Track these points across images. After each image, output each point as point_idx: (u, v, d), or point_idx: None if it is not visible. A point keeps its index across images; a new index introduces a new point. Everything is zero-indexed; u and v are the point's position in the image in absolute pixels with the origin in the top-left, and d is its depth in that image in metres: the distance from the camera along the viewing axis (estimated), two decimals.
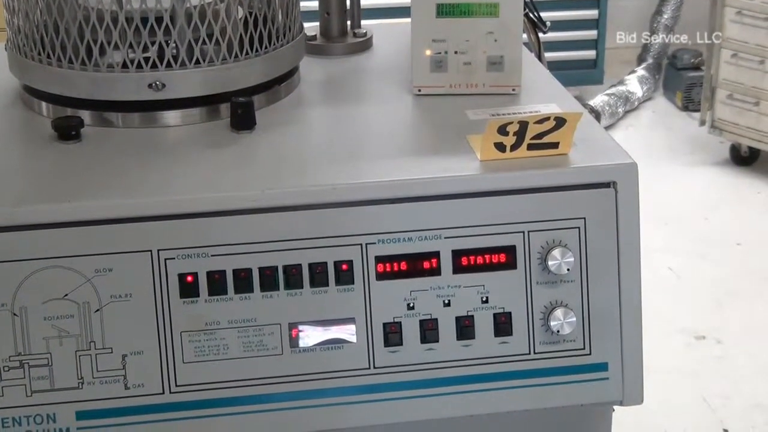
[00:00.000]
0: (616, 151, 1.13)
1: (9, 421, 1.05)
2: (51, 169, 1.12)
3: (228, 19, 1.20)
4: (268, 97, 1.27)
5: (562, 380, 1.12)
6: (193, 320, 1.06)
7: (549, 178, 1.10)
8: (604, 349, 1.12)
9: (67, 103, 1.22)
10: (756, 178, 3.73)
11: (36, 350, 1.05)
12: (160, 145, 1.18)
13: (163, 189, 1.07)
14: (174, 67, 1.18)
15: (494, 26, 1.26)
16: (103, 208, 1.04)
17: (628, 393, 1.13)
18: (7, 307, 1.04)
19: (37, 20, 1.21)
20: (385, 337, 1.08)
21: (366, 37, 1.49)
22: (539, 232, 1.10)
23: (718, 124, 3.73)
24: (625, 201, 1.10)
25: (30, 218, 1.04)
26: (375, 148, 1.18)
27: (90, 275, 1.04)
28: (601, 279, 1.11)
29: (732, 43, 3.61)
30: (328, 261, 1.07)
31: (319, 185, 1.07)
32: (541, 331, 1.11)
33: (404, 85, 1.33)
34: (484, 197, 1.09)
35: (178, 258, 1.05)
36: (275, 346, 1.07)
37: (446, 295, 1.09)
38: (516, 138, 1.10)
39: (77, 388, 1.05)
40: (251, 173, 1.11)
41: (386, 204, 1.08)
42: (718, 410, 2.51)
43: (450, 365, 1.10)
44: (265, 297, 1.07)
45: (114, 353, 1.05)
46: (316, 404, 1.09)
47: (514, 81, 1.28)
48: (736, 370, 2.66)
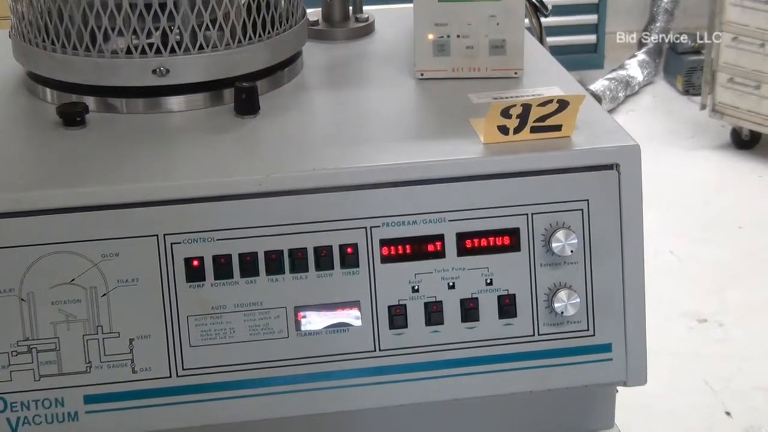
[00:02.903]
0: (618, 133, 1.14)
1: (17, 405, 1.06)
2: (56, 155, 1.13)
3: (231, 5, 1.20)
4: (271, 82, 1.27)
5: (566, 361, 1.12)
6: (199, 304, 1.07)
7: (552, 160, 1.10)
8: (607, 330, 1.12)
9: (72, 90, 1.22)
10: (757, 161, 3.73)
11: (44, 335, 1.05)
12: (165, 131, 1.18)
13: (168, 174, 1.07)
14: (178, 52, 1.19)
15: (496, 10, 1.26)
16: (109, 194, 1.05)
17: (631, 374, 1.14)
18: (15, 293, 1.04)
19: (41, 7, 1.22)
20: (390, 320, 1.09)
21: (368, 21, 1.49)
22: (543, 215, 1.10)
23: (719, 107, 3.73)
24: (628, 183, 1.10)
25: (36, 204, 1.04)
26: (378, 132, 1.18)
27: (97, 260, 1.05)
28: (605, 260, 1.11)
29: (732, 26, 3.61)
30: (333, 244, 1.08)
31: (323, 169, 1.08)
32: (545, 313, 1.11)
33: (407, 70, 1.33)
34: (488, 180, 1.09)
35: (184, 242, 1.06)
36: (281, 329, 1.08)
37: (451, 278, 1.10)
38: (519, 121, 1.10)
39: (85, 372, 1.06)
40: (256, 158, 1.11)
41: (390, 187, 1.08)
42: (720, 392, 2.52)
43: (455, 347, 1.10)
44: (271, 280, 1.07)
45: (121, 337, 1.06)
46: (322, 387, 1.09)
47: (517, 64, 1.29)
48: (738, 352, 2.67)
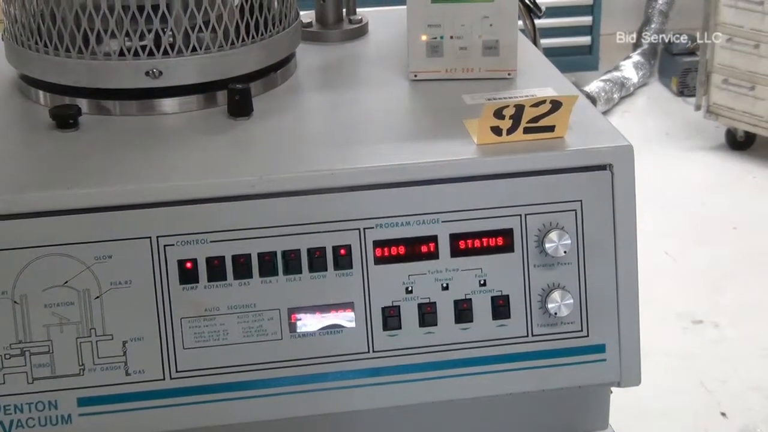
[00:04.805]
0: (611, 133, 1.14)
1: (11, 408, 1.06)
2: (49, 158, 1.12)
3: (224, 6, 1.20)
4: (264, 84, 1.27)
5: (560, 362, 1.12)
6: (192, 306, 1.07)
7: (545, 161, 1.10)
8: (601, 331, 1.12)
9: (65, 92, 1.22)
10: (752, 162, 3.73)
11: (37, 338, 1.05)
12: (158, 133, 1.18)
13: (162, 176, 1.07)
14: (171, 54, 1.19)
15: (489, 11, 1.26)
16: (102, 196, 1.05)
17: (625, 374, 1.14)
18: (8, 295, 1.04)
19: (33, 9, 1.21)
20: (384, 321, 1.09)
21: (361, 23, 1.49)
22: (536, 215, 1.10)
23: (714, 108, 3.73)
24: (622, 183, 1.11)
25: (29, 206, 1.04)
26: (372, 134, 1.18)
27: (90, 262, 1.05)
28: (598, 261, 1.11)
29: (727, 27, 3.61)
30: (327, 246, 1.07)
31: (316, 170, 1.08)
32: (538, 314, 1.11)
33: (400, 71, 1.33)
34: (481, 181, 1.09)
35: (178, 244, 1.06)
36: (275, 331, 1.08)
37: (444, 279, 1.09)
38: (512, 122, 1.10)
39: (78, 374, 1.06)
40: (249, 159, 1.11)
41: (384, 189, 1.08)
42: (716, 393, 2.52)
43: (449, 348, 1.10)
44: (264, 282, 1.07)
45: (114, 340, 1.06)
46: (316, 389, 1.09)
47: (510, 65, 1.29)
48: (733, 353, 2.67)
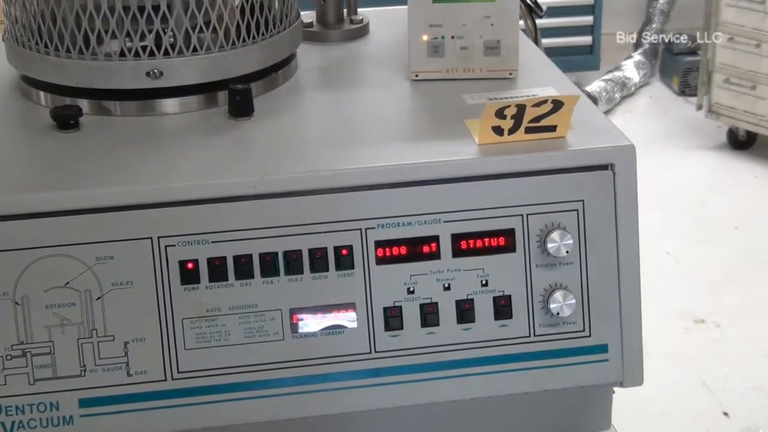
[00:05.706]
0: (613, 133, 1.13)
1: (12, 409, 1.06)
2: (50, 158, 1.12)
3: (225, 7, 1.20)
4: (265, 84, 1.27)
5: (562, 362, 1.12)
6: (194, 307, 1.06)
7: (547, 161, 1.10)
8: (603, 331, 1.12)
9: (66, 93, 1.22)
10: (753, 161, 3.73)
11: (38, 339, 1.05)
12: (159, 133, 1.18)
13: (163, 176, 1.07)
14: (171, 55, 1.19)
15: (491, 11, 1.26)
16: (103, 196, 1.05)
17: (628, 374, 1.13)
18: (9, 296, 1.04)
19: (34, 10, 1.21)
20: (386, 322, 1.09)
21: (362, 23, 1.49)
22: (538, 215, 1.10)
23: (715, 108, 3.73)
24: (623, 183, 1.10)
25: (30, 207, 1.04)
26: (373, 134, 1.18)
27: (91, 263, 1.05)
28: (600, 261, 1.11)
29: (728, 27, 3.61)
30: (328, 246, 1.07)
31: (318, 171, 1.07)
32: (540, 314, 1.11)
33: (401, 71, 1.33)
34: (483, 181, 1.09)
35: (179, 245, 1.05)
36: (276, 331, 1.08)
37: (446, 279, 1.09)
38: (514, 121, 1.10)
39: (80, 375, 1.06)
40: (250, 160, 1.11)
41: (385, 189, 1.08)
42: (717, 393, 2.52)
43: (450, 349, 1.10)
44: (266, 283, 1.07)
45: (116, 341, 1.06)
46: (318, 389, 1.09)
47: (511, 65, 1.29)
48: (735, 353, 2.67)
